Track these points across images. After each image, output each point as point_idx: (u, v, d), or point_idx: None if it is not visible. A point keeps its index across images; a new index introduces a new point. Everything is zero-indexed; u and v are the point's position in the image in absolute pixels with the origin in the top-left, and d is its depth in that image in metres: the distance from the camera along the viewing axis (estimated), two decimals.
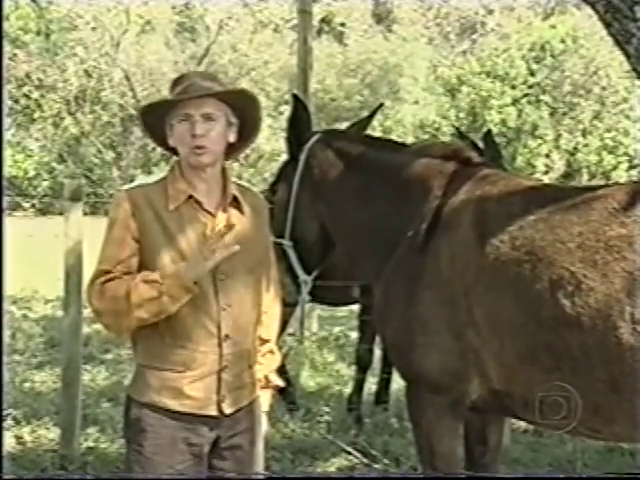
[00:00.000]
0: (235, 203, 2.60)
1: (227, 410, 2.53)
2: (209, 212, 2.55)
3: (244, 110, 2.59)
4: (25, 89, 25.91)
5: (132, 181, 2.86)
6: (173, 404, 2.49)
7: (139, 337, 2.54)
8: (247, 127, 2.63)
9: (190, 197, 2.53)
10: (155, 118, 2.57)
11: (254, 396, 2.65)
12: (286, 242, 3.33)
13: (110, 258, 2.50)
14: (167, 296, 2.39)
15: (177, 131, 2.52)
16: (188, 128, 2.48)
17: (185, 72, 2.73)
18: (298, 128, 3.39)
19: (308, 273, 3.39)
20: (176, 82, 2.59)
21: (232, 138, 2.58)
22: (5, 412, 4.95)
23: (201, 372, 2.50)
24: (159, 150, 2.89)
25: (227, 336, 2.51)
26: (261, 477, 2.75)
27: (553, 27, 24.86)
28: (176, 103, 2.51)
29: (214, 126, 2.50)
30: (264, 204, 2.77)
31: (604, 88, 23.45)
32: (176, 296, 2.40)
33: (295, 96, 3.49)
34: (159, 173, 2.66)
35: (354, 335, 6.52)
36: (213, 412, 2.52)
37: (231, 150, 2.62)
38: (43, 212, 22.20)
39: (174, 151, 2.60)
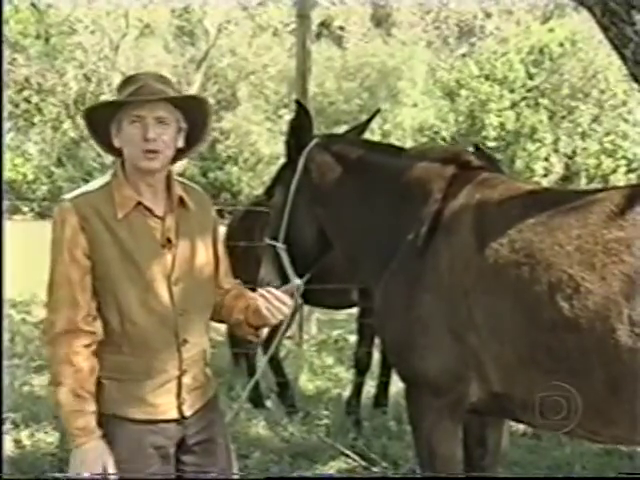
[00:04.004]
0: (180, 203, 2.57)
1: (187, 412, 2.54)
2: (158, 217, 2.51)
3: (195, 115, 2.55)
4: (25, 93, 25.91)
5: None
6: (136, 413, 2.46)
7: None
8: (195, 132, 2.58)
9: (139, 204, 2.48)
10: (100, 116, 2.49)
11: (212, 392, 2.67)
12: (279, 245, 3.29)
13: (62, 283, 2.42)
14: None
15: (126, 133, 2.44)
16: (140, 131, 2.41)
17: (135, 73, 2.63)
18: (299, 133, 3.36)
19: (300, 277, 3.35)
20: (126, 82, 2.50)
21: (180, 144, 2.54)
22: (4, 416, 4.95)
23: (162, 379, 2.48)
24: None
25: (185, 340, 2.51)
26: (236, 477, 2.76)
27: (551, 31, 24.92)
28: (126, 104, 2.43)
29: (166, 130, 2.45)
30: (208, 200, 2.73)
31: (602, 91, 23.50)
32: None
33: (298, 102, 3.47)
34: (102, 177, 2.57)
35: (353, 338, 6.52)
36: (174, 416, 2.52)
37: (176, 155, 2.56)
38: (42, 216, 22.21)
39: (118, 152, 2.51)
